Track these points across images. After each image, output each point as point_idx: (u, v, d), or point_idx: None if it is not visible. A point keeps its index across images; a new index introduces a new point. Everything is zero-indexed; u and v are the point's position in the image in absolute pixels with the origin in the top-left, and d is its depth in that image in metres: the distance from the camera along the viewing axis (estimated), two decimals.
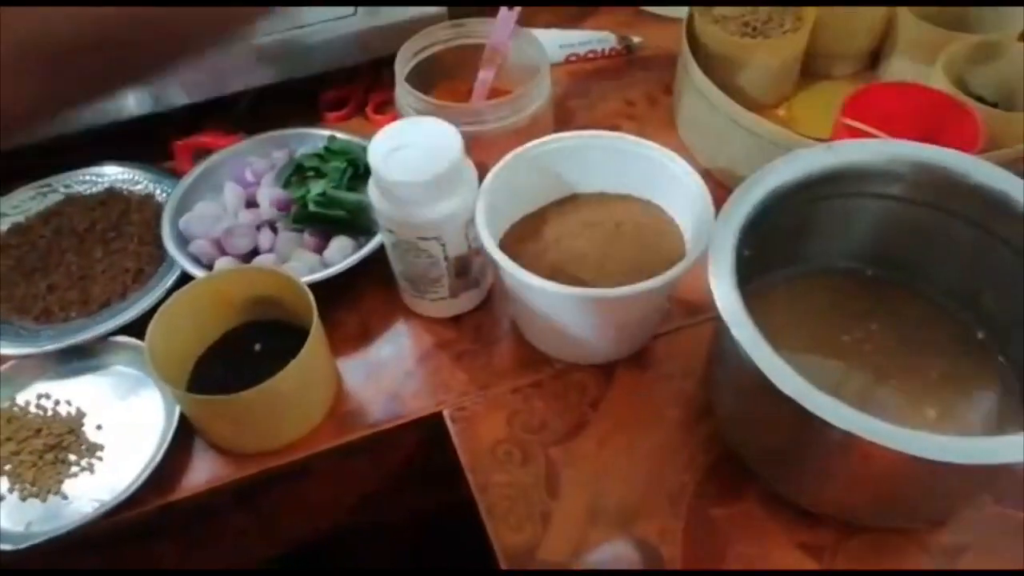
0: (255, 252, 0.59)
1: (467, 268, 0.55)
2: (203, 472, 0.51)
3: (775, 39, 0.68)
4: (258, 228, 0.59)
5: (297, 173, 0.61)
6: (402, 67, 0.61)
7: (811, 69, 0.72)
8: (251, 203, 0.62)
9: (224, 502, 0.53)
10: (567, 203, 0.57)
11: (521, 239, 0.55)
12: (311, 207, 0.58)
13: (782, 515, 0.47)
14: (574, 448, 0.52)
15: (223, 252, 0.58)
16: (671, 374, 0.55)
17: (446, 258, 0.53)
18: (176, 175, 0.66)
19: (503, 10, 0.62)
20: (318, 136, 0.65)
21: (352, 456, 0.54)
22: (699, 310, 0.57)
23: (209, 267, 0.57)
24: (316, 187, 0.59)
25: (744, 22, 0.69)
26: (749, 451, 0.48)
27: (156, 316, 0.50)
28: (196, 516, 0.53)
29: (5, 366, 0.55)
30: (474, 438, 0.52)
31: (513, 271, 0.48)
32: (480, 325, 0.58)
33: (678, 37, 0.68)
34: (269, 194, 0.60)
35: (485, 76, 0.62)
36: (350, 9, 0.66)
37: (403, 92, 0.60)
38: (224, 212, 0.61)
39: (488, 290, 0.59)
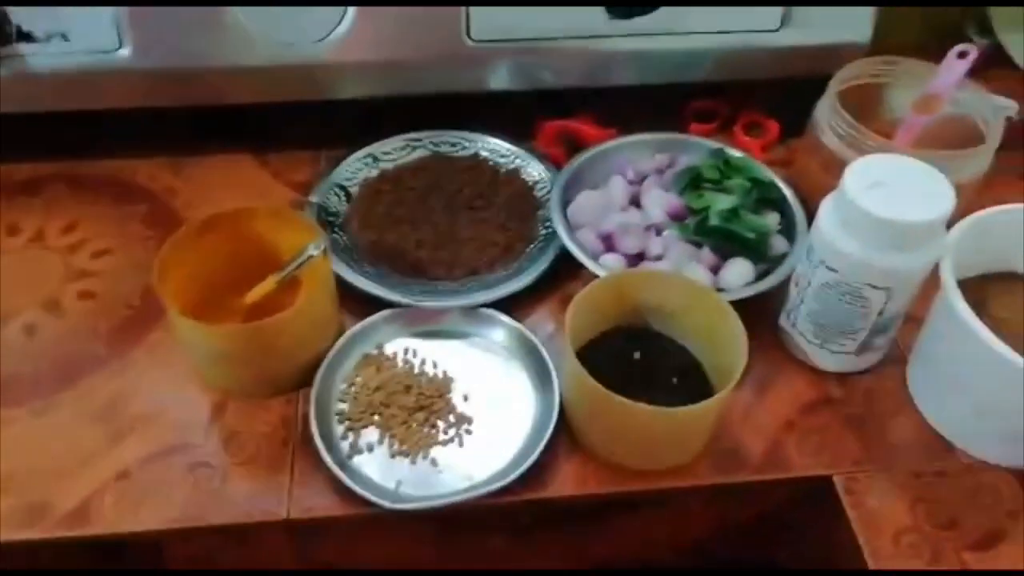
0: (639, 256, 0.55)
1: (889, 327, 0.49)
2: (571, 475, 0.47)
3: None
4: (644, 229, 0.56)
5: (693, 183, 0.57)
6: (835, 88, 0.57)
7: None
8: (634, 202, 0.58)
9: (578, 511, 0.49)
10: (1008, 280, 0.50)
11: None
12: (715, 221, 0.54)
13: None
14: (991, 559, 0.45)
15: (609, 248, 0.55)
16: None
17: (881, 312, 0.47)
18: (541, 155, 0.64)
19: (951, 56, 0.57)
20: (700, 146, 0.61)
21: (717, 498, 0.49)
22: None
23: (593, 259, 0.54)
24: (721, 201, 0.55)
25: None
26: None
27: (576, 300, 0.47)
28: (543, 517, 0.49)
29: (378, 315, 0.53)
30: (873, 517, 0.46)
31: (990, 342, 0.42)
32: (872, 390, 0.52)
33: None
34: (660, 199, 0.57)
35: (918, 120, 0.57)
36: (774, 22, 0.61)
37: (831, 112, 0.55)
38: (609, 206, 0.57)
39: (882, 354, 0.53)
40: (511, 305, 0.54)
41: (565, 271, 0.57)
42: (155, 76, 0.58)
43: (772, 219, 0.56)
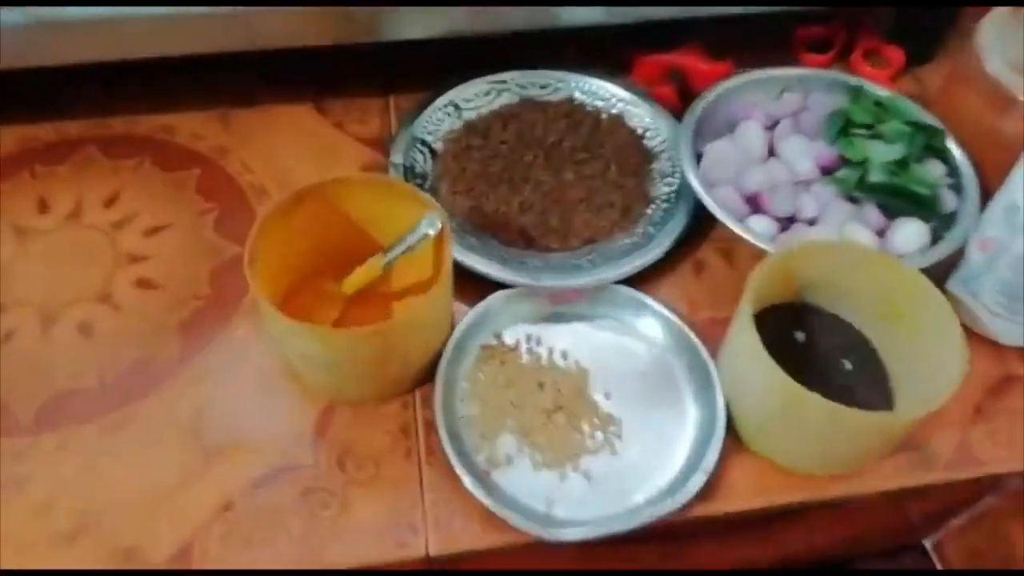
0: (790, 219, 0.47)
1: None
2: (744, 483, 0.41)
3: None
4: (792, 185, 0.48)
5: (843, 127, 0.49)
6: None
7: None
8: (770, 152, 0.50)
9: (741, 520, 0.43)
10: None
11: None
12: (880, 176, 0.46)
13: None
14: None
15: (756, 209, 0.47)
16: None
17: None
18: (646, 96, 0.55)
19: None
20: (834, 82, 0.53)
21: (898, 498, 0.43)
22: None
23: (740, 222, 0.46)
24: (883, 151, 0.47)
25: None
26: None
27: (752, 280, 0.39)
28: (705, 529, 0.43)
29: (493, 297, 0.45)
30: None
31: None
32: None
33: None
34: (806, 148, 0.49)
35: None
36: None
37: (1002, 33, 0.47)
38: (747, 158, 0.49)
39: None
40: (634, 278, 0.47)
41: (693, 235, 0.49)
42: (191, 19, 0.48)
43: (937, 169, 0.49)
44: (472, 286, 0.46)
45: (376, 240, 0.44)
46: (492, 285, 0.46)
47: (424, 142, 0.53)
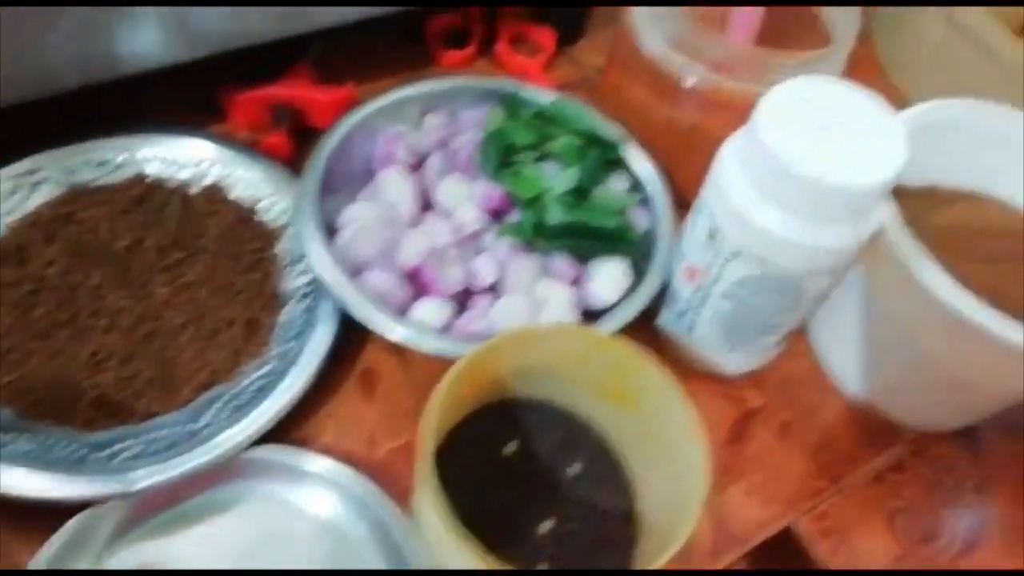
0: (466, 292, 0.36)
1: (820, 303, 0.37)
2: None
3: None
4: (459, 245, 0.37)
5: (503, 154, 0.39)
6: None
7: None
8: (423, 202, 0.39)
9: None
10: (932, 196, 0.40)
11: None
12: (558, 215, 0.36)
13: None
14: (980, 560, 0.37)
15: (421, 290, 0.36)
16: None
17: (816, 296, 0.34)
18: (243, 148, 0.41)
19: None
20: (484, 90, 0.43)
21: None
22: None
23: (401, 314, 0.35)
24: (557, 178, 0.37)
25: None
26: None
27: (427, 416, 0.27)
28: None
29: (71, 524, 0.30)
30: (855, 559, 0.36)
31: (962, 304, 0.31)
32: (788, 380, 0.41)
33: None
34: (464, 190, 0.38)
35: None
36: None
37: (648, 12, 0.40)
38: (395, 219, 0.37)
39: None
40: (281, 425, 0.33)
41: (354, 338, 0.37)
42: None
43: (619, 184, 0.40)
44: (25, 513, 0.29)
45: None
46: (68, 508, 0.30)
47: None
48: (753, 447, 0.38)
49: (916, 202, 0.37)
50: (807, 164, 0.29)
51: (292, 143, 0.42)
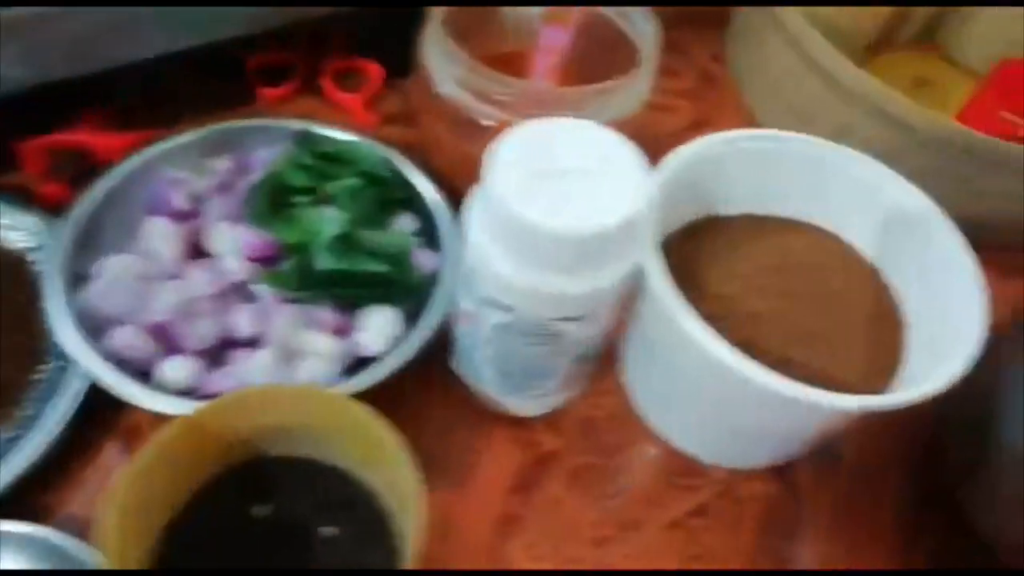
0: (223, 344, 0.35)
1: (598, 347, 0.35)
2: None
3: None
4: (220, 297, 0.35)
5: (276, 197, 0.37)
6: (439, 15, 0.39)
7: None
8: (196, 248, 0.37)
9: None
10: (711, 229, 0.39)
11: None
12: (327, 261, 0.35)
13: None
14: None
15: (171, 348, 0.34)
16: (867, 464, 0.39)
17: (578, 341, 0.33)
18: (11, 200, 0.39)
19: None
20: (274, 130, 0.41)
21: None
22: None
23: (145, 375, 0.33)
24: (327, 222, 0.36)
25: None
26: None
27: (118, 497, 0.26)
28: None
29: None
30: None
31: (730, 362, 0.30)
32: (590, 420, 0.39)
33: None
34: (233, 236, 0.36)
35: (554, 36, 0.41)
36: None
37: (439, 47, 0.38)
38: (154, 271, 0.36)
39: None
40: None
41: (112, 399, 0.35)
42: None
43: (405, 223, 0.39)
44: None
45: None
46: None
47: None
48: (539, 496, 0.36)
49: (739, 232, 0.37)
50: (530, 209, 0.28)
51: (72, 191, 0.40)
